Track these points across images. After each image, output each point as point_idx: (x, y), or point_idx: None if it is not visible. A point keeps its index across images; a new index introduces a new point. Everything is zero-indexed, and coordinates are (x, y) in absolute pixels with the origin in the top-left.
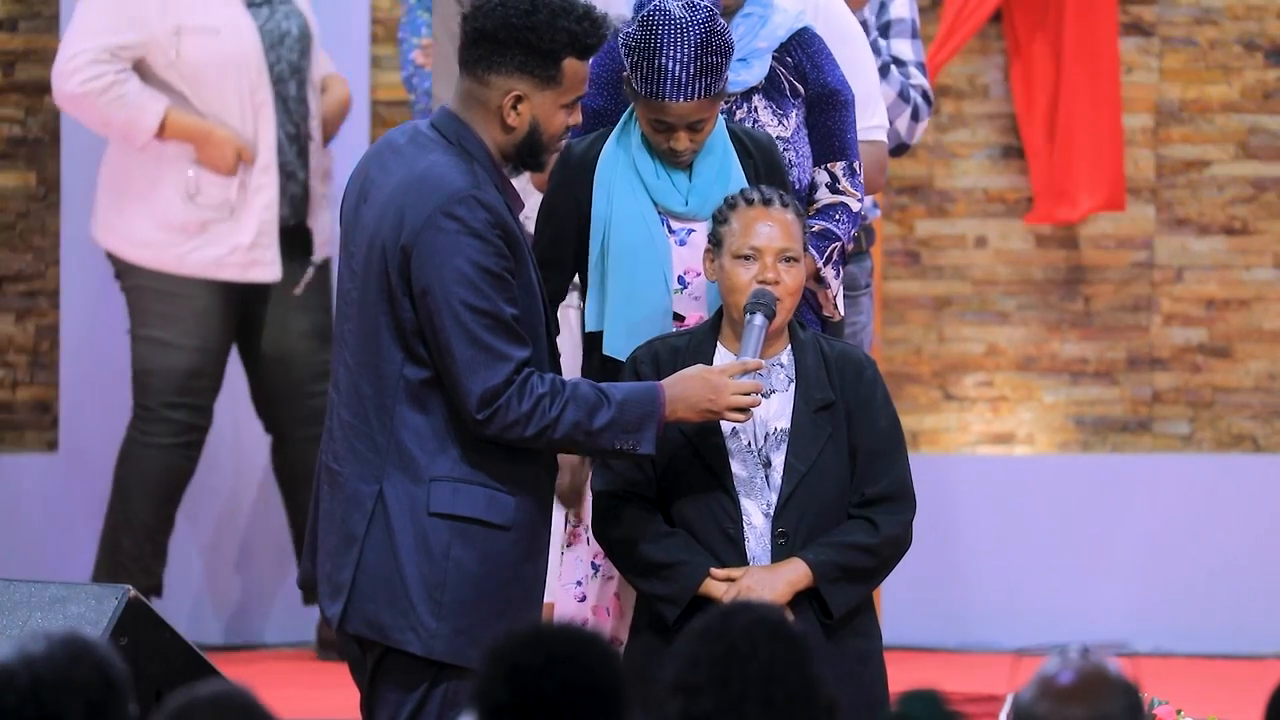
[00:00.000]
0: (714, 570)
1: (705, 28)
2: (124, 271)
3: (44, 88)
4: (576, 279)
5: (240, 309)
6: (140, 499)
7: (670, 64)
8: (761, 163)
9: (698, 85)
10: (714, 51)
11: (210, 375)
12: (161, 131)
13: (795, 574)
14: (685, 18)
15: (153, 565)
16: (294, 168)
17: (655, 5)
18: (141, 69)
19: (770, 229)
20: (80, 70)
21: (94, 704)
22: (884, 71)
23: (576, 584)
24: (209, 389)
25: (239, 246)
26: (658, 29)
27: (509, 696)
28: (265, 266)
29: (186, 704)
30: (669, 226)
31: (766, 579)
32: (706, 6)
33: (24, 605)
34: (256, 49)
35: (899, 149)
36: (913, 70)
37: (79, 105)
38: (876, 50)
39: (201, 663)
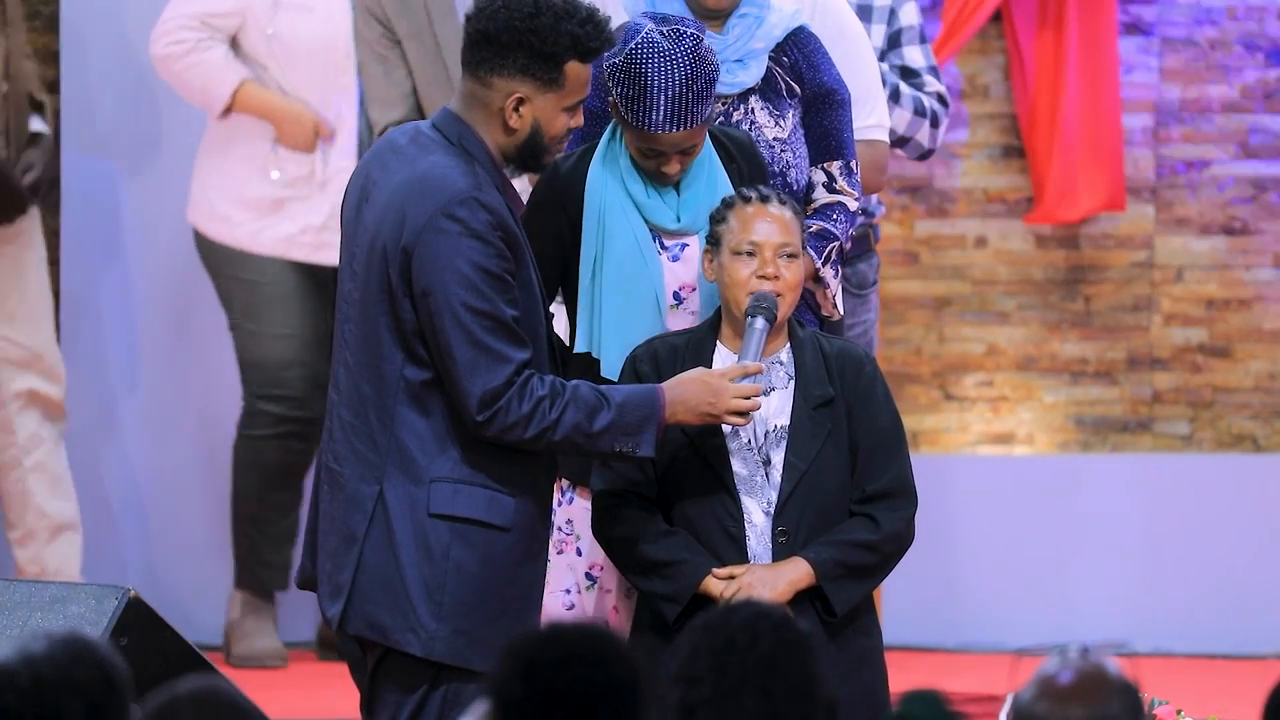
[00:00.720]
0: (715, 569)
1: (692, 57)
2: (204, 253)
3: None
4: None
5: (329, 291)
6: (243, 490)
7: (659, 97)
8: (744, 164)
9: (687, 115)
10: (702, 79)
11: (302, 364)
12: (234, 103)
13: (797, 573)
14: (672, 49)
15: (269, 556)
16: None
17: (642, 37)
18: (237, 39)
19: (769, 225)
20: (168, 34)
21: (95, 704)
22: (895, 96)
23: (565, 592)
24: (302, 378)
25: (310, 227)
26: (645, 62)
27: (525, 692)
28: (335, 249)
29: (168, 701)
30: (661, 243)
31: (767, 577)
32: (692, 34)
33: (24, 605)
34: (346, 34)
35: (923, 155)
36: (926, 78)
37: (161, 67)
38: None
39: (202, 663)
